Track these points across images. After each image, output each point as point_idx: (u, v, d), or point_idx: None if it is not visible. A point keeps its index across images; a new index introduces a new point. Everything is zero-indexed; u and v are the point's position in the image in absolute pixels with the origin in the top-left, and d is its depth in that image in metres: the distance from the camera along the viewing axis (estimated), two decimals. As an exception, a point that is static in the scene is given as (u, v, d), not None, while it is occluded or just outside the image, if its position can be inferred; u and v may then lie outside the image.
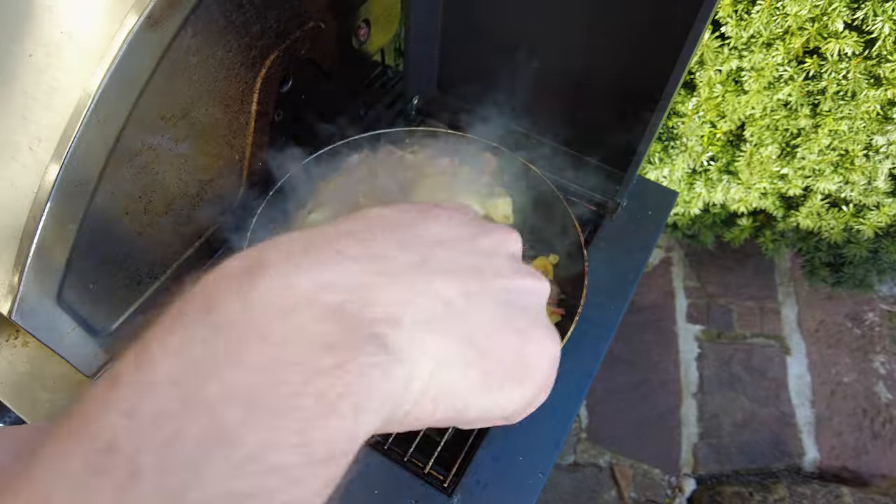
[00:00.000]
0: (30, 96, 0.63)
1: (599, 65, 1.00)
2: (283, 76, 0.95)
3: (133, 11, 0.61)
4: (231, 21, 0.78)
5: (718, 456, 1.79)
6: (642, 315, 2.08)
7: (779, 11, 1.20)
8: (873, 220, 1.41)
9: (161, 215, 0.85)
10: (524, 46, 1.05)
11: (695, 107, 1.38)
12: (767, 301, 2.11)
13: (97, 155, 0.67)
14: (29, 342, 0.88)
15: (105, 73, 0.62)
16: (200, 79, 0.78)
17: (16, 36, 0.63)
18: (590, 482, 1.75)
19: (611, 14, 0.93)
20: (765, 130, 1.38)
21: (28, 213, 0.64)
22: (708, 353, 1.99)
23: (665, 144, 1.53)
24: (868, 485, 1.74)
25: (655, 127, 0.87)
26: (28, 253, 0.65)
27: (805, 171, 1.40)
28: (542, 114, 1.12)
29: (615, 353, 1.99)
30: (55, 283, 0.72)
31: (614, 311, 0.94)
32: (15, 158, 0.64)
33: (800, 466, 1.78)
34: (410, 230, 0.25)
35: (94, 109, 0.62)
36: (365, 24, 1.07)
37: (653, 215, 1.09)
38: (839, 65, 1.20)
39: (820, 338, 2.03)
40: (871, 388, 1.91)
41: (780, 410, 1.87)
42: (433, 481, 0.78)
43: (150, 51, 0.66)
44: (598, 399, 1.89)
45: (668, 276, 2.19)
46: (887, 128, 1.26)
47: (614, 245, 1.03)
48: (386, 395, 0.20)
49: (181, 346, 0.19)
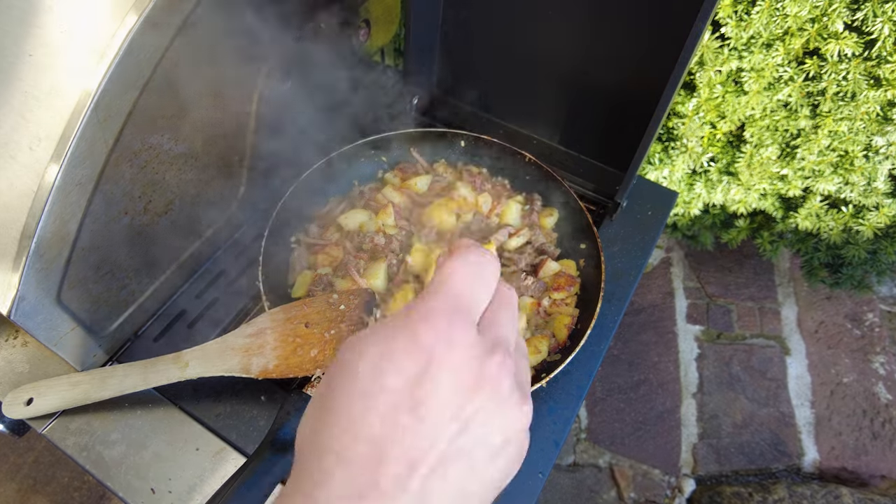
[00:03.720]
0: (30, 96, 0.63)
1: (599, 65, 1.00)
2: (283, 76, 0.95)
3: (133, 11, 0.61)
4: (231, 21, 0.78)
5: (718, 456, 1.79)
6: (642, 315, 2.08)
7: (779, 12, 1.20)
8: (872, 221, 1.41)
9: (161, 215, 0.85)
10: (524, 47, 1.05)
11: (695, 107, 1.38)
12: (767, 302, 2.12)
13: (97, 155, 0.67)
14: (28, 342, 0.88)
15: (105, 73, 0.62)
16: (200, 79, 0.78)
17: (16, 36, 0.63)
18: (589, 482, 1.75)
19: (611, 15, 0.93)
20: (765, 131, 1.38)
21: (27, 212, 0.64)
22: (707, 353, 1.99)
23: (665, 145, 1.53)
24: (867, 485, 1.75)
25: (655, 127, 0.87)
26: (27, 253, 0.65)
27: (805, 172, 1.40)
28: (542, 114, 1.12)
29: (615, 353, 1.99)
30: (54, 282, 0.72)
31: (614, 312, 0.94)
32: (15, 158, 0.64)
33: (799, 467, 1.78)
34: (420, 432, 0.30)
35: (93, 109, 0.62)
36: (365, 24, 1.07)
37: (653, 216, 1.09)
38: (839, 66, 1.20)
39: (819, 338, 2.03)
40: (870, 388, 1.92)
41: (780, 411, 1.87)
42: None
43: (150, 51, 0.66)
44: (598, 399, 1.89)
45: (668, 276, 2.19)
46: (887, 129, 1.26)
47: (614, 245, 1.03)
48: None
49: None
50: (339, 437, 0.30)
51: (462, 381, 0.31)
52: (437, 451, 0.30)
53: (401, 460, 0.29)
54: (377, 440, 0.30)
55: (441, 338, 0.31)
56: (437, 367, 0.31)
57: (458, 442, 0.31)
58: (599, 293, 0.86)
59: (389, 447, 0.30)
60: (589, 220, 0.95)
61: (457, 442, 0.31)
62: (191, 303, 0.94)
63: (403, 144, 1.09)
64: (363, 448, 0.30)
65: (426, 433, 0.30)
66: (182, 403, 0.83)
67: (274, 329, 0.78)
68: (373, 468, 0.29)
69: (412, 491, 0.29)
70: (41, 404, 0.78)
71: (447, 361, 0.31)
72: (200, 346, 0.79)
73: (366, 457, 0.30)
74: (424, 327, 0.31)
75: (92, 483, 1.69)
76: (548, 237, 1.01)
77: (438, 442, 0.30)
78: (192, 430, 0.81)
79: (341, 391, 0.31)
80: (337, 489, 0.29)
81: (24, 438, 0.84)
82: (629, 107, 0.97)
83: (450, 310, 0.33)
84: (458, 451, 0.31)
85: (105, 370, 0.80)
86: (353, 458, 0.30)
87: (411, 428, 0.30)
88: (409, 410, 0.30)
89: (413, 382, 0.30)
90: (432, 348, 0.31)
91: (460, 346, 0.31)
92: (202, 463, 0.79)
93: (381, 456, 0.29)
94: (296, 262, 0.95)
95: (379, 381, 0.31)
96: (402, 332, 0.32)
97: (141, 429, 0.81)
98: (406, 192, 1.05)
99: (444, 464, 0.30)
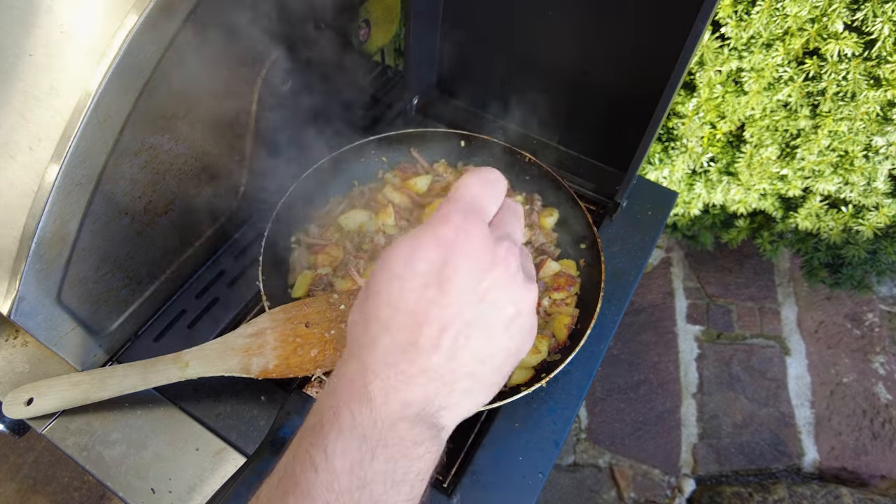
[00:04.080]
0: (30, 96, 0.63)
1: (599, 65, 1.01)
2: (283, 76, 0.95)
3: (133, 11, 0.61)
4: (232, 21, 0.78)
5: (718, 456, 1.79)
6: (642, 315, 2.08)
7: (779, 12, 1.20)
8: (872, 221, 1.41)
9: (161, 215, 0.85)
10: (524, 47, 1.05)
11: (695, 107, 1.38)
12: (767, 302, 2.12)
13: (97, 155, 0.67)
14: (28, 342, 0.88)
15: (105, 73, 0.62)
16: (200, 79, 0.78)
17: (16, 36, 0.63)
18: (589, 482, 1.75)
19: (611, 15, 0.93)
20: (765, 131, 1.38)
21: (27, 212, 0.64)
22: (707, 353, 1.99)
23: (665, 145, 1.53)
24: (867, 485, 1.75)
25: (655, 127, 0.87)
26: (27, 253, 0.65)
27: (805, 172, 1.40)
28: (542, 114, 1.12)
29: (615, 354, 1.99)
30: (55, 283, 0.72)
31: (614, 312, 0.94)
32: (15, 158, 0.64)
33: (799, 467, 1.78)
34: (440, 316, 0.37)
35: (93, 109, 0.62)
36: (365, 25, 1.07)
37: (653, 216, 1.09)
38: (839, 66, 1.20)
39: (819, 338, 2.03)
40: (870, 388, 1.92)
41: (780, 411, 1.87)
42: (433, 481, 0.78)
43: (150, 51, 0.66)
44: (598, 399, 1.89)
45: (668, 276, 2.19)
46: (887, 129, 1.26)
47: (614, 245, 1.03)
48: (441, 448, 0.40)
49: (344, 451, 0.35)
50: (382, 310, 0.38)
51: (477, 262, 0.38)
52: (461, 317, 0.38)
53: (433, 324, 0.37)
54: (412, 311, 0.37)
55: (459, 230, 0.38)
56: (456, 253, 0.38)
57: (477, 310, 0.38)
58: (599, 293, 0.86)
59: (423, 315, 0.37)
60: (589, 220, 0.95)
61: (476, 309, 0.38)
62: (191, 303, 0.94)
63: (403, 144, 1.09)
64: (402, 317, 0.37)
65: (451, 303, 0.37)
66: (182, 403, 0.83)
67: (274, 329, 0.78)
68: (410, 331, 0.37)
69: (444, 347, 0.37)
70: (41, 404, 0.78)
71: (464, 248, 0.38)
72: (200, 346, 0.79)
73: (404, 323, 0.37)
74: (444, 224, 0.39)
75: (92, 483, 1.69)
76: (548, 237, 1.01)
77: (462, 310, 0.37)
78: (193, 430, 0.81)
79: (381, 279, 0.39)
80: (383, 350, 0.37)
81: (24, 438, 0.84)
82: (629, 107, 0.97)
83: (465, 209, 0.40)
84: (477, 318, 0.38)
85: (105, 370, 0.80)
86: (394, 325, 0.38)
87: (439, 300, 0.37)
88: (436, 286, 0.37)
89: (438, 266, 0.37)
90: (452, 239, 0.38)
91: (474, 236, 0.38)
92: (202, 463, 0.79)
93: (416, 322, 0.37)
94: (296, 263, 0.95)
95: (410, 268, 0.38)
96: (427, 230, 0.39)
97: (141, 429, 0.81)
98: (406, 192, 1.05)
99: (468, 327, 0.38)
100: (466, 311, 0.38)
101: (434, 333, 0.37)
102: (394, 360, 0.37)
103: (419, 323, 0.37)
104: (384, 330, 0.38)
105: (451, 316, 0.37)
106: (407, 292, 0.37)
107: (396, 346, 0.37)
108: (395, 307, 0.38)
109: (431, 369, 0.37)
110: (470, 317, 0.38)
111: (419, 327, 0.37)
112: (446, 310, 0.37)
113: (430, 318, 0.37)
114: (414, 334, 0.37)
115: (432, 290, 0.37)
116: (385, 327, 0.38)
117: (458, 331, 0.37)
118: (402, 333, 0.37)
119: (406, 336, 0.37)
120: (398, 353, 0.37)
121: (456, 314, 0.37)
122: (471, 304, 0.38)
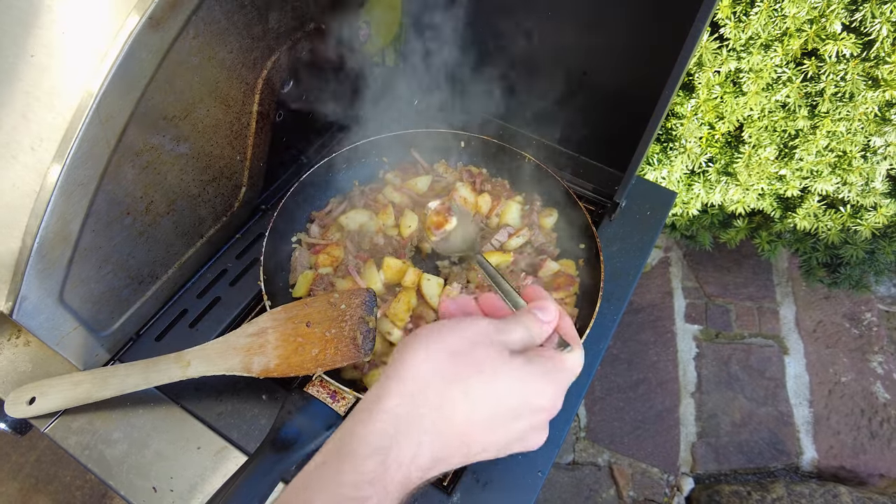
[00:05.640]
0: (32, 96, 0.64)
1: (599, 66, 1.01)
2: (284, 77, 0.95)
3: (135, 12, 0.62)
4: (233, 22, 0.79)
5: (717, 455, 1.80)
6: (641, 315, 2.09)
7: (777, 13, 1.20)
8: (870, 221, 1.42)
9: (163, 215, 0.85)
10: (524, 47, 1.06)
11: (693, 108, 1.39)
12: (765, 301, 2.12)
13: (99, 155, 0.67)
14: (31, 341, 0.88)
15: (107, 74, 0.62)
16: (202, 79, 0.78)
17: (17, 36, 0.63)
18: (588, 481, 1.75)
19: (611, 15, 0.93)
20: (763, 132, 1.38)
21: (30, 212, 0.64)
22: (706, 352, 2.00)
23: (664, 145, 1.53)
24: (866, 484, 1.75)
25: (654, 127, 0.87)
26: (30, 253, 0.65)
27: (803, 173, 1.40)
28: (542, 114, 1.12)
29: (614, 353, 1.99)
30: (57, 282, 0.72)
31: (613, 311, 0.95)
32: (17, 158, 0.65)
33: (798, 466, 1.78)
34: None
35: (95, 109, 0.63)
36: (365, 25, 1.08)
37: (651, 216, 1.09)
38: (837, 66, 1.20)
39: (818, 338, 2.04)
40: (868, 387, 1.92)
41: (778, 410, 1.87)
42: (433, 480, 0.79)
43: (152, 51, 0.66)
44: (597, 398, 1.89)
45: (667, 276, 2.20)
46: (885, 129, 1.26)
47: (613, 245, 1.04)
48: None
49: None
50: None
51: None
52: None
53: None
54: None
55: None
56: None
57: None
58: (598, 293, 0.86)
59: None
60: (588, 220, 0.95)
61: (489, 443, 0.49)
62: (192, 302, 0.95)
63: (403, 144, 1.09)
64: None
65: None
66: (184, 402, 0.83)
67: (275, 328, 0.79)
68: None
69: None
70: (43, 403, 0.78)
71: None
72: (202, 346, 0.79)
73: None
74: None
75: (94, 482, 1.69)
76: (547, 237, 1.01)
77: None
78: (194, 428, 0.81)
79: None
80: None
81: (26, 437, 0.84)
82: (628, 107, 0.98)
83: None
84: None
85: (107, 369, 0.81)
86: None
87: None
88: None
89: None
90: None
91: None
92: (204, 462, 0.79)
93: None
94: (297, 262, 0.96)
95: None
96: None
97: (143, 428, 0.81)
98: (406, 192, 1.05)
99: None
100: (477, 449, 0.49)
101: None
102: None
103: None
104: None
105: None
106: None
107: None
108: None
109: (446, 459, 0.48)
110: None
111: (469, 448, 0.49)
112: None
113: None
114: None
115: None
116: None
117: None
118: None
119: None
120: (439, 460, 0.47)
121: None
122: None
